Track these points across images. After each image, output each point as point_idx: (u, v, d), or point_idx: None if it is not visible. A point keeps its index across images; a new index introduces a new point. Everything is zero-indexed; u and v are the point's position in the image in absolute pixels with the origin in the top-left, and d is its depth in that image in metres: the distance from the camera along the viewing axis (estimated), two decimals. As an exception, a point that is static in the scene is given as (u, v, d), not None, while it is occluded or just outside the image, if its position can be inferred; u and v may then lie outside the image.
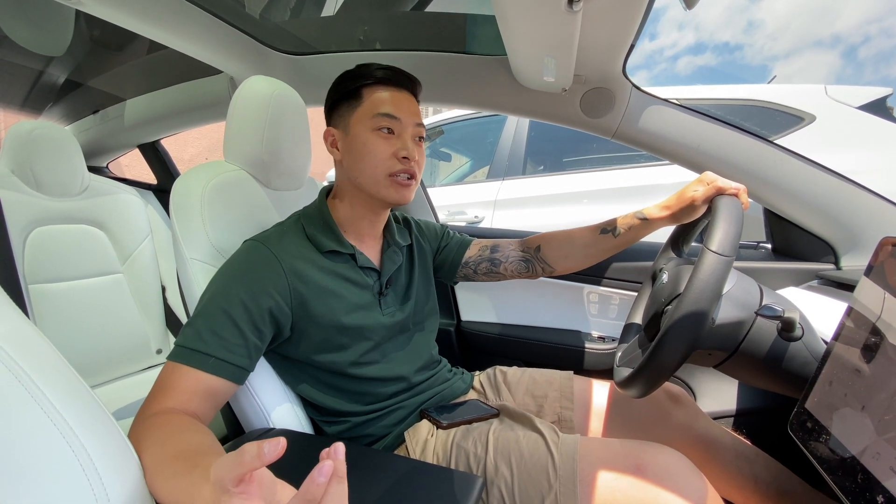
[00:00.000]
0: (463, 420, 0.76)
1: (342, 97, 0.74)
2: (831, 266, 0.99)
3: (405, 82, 0.75)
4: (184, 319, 1.41)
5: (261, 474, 0.35)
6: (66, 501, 0.38)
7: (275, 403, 0.70)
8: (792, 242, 1.05)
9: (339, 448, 0.33)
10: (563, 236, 0.91)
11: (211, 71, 1.31)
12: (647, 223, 0.82)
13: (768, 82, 2.06)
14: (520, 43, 0.83)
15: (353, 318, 0.72)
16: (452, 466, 0.69)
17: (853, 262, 0.96)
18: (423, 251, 0.91)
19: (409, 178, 0.73)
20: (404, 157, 0.71)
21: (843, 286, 0.88)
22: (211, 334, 0.59)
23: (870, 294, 0.50)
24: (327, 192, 0.81)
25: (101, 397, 0.45)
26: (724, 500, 0.64)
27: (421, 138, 0.75)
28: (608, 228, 0.86)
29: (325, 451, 0.32)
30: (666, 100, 1.00)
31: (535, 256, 0.92)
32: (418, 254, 0.89)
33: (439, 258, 0.94)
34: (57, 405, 0.39)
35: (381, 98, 0.72)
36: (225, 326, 0.60)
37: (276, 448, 0.31)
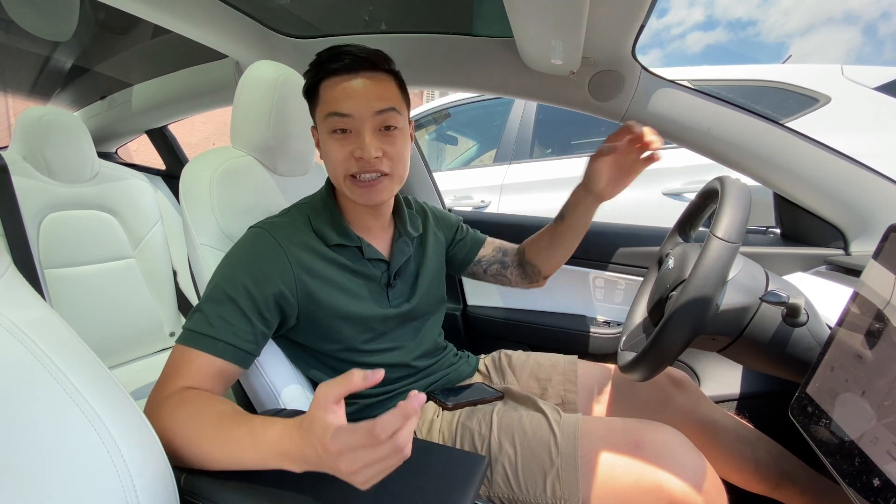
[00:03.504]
0: (468, 402, 0.77)
1: (307, 96, 0.71)
2: (840, 251, 0.98)
3: (360, 65, 0.66)
4: (195, 303, 1.44)
5: None
6: (90, 477, 0.39)
7: (285, 385, 0.72)
8: (801, 227, 1.04)
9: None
10: (537, 236, 0.90)
11: (216, 55, 1.31)
12: (586, 190, 0.79)
13: (783, 62, 2.01)
14: (527, 24, 0.81)
15: (359, 310, 0.72)
16: (458, 446, 0.71)
17: (863, 248, 0.95)
18: (438, 240, 0.90)
19: (378, 176, 0.68)
20: (359, 158, 0.66)
21: (852, 272, 0.88)
22: (219, 319, 0.60)
23: (877, 278, 0.50)
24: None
25: (117, 379, 0.47)
26: (726, 483, 0.65)
27: (391, 127, 0.67)
28: (559, 214, 0.86)
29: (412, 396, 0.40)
30: (675, 82, 0.98)
31: (524, 261, 0.93)
32: (432, 243, 0.87)
33: (451, 251, 0.93)
34: (78, 386, 0.41)
35: (332, 95, 0.66)
36: (231, 312, 0.61)
37: (376, 375, 0.41)
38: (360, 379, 0.40)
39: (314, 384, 0.77)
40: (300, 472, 0.45)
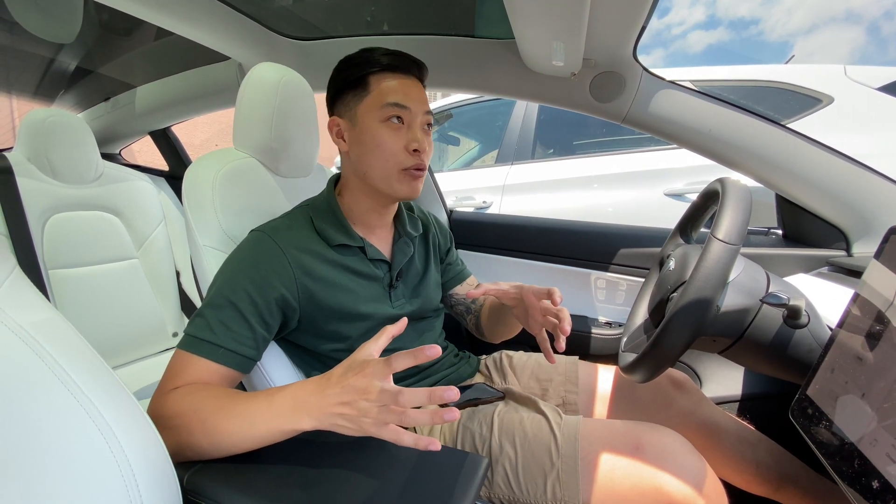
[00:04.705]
0: (469, 402, 0.77)
1: (347, 85, 0.72)
2: (842, 253, 0.98)
3: (412, 68, 0.72)
4: (198, 304, 1.44)
5: None
6: (93, 476, 0.40)
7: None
8: (803, 229, 1.04)
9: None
10: (496, 303, 0.88)
11: (219, 57, 1.31)
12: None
13: (786, 62, 2.00)
14: (528, 26, 0.82)
15: (361, 312, 0.72)
16: (459, 447, 0.71)
17: (865, 249, 0.95)
18: (437, 244, 0.91)
19: (419, 171, 0.71)
20: (415, 151, 0.69)
21: (854, 273, 0.88)
22: (220, 325, 0.60)
23: (878, 279, 0.50)
24: (335, 181, 0.79)
25: (120, 378, 0.47)
26: (726, 484, 0.65)
27: (429, 125, 0.73)
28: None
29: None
30: (676, 83, 0.98)
31: (480, 317, 0.93)
32: (434, 245, 0.89)
33: (441, 266, 0.93)
34: (82, 386, 0.41)
35: (390, 86, 0.69)
36: (233, 318, 0.61)
37: (402, 323, 0.53)
38: (397, 328, 0.51)
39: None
40: (311, 427, 0.48)
